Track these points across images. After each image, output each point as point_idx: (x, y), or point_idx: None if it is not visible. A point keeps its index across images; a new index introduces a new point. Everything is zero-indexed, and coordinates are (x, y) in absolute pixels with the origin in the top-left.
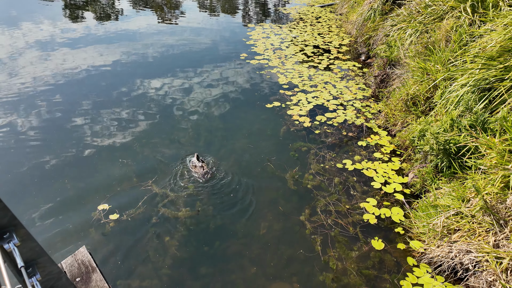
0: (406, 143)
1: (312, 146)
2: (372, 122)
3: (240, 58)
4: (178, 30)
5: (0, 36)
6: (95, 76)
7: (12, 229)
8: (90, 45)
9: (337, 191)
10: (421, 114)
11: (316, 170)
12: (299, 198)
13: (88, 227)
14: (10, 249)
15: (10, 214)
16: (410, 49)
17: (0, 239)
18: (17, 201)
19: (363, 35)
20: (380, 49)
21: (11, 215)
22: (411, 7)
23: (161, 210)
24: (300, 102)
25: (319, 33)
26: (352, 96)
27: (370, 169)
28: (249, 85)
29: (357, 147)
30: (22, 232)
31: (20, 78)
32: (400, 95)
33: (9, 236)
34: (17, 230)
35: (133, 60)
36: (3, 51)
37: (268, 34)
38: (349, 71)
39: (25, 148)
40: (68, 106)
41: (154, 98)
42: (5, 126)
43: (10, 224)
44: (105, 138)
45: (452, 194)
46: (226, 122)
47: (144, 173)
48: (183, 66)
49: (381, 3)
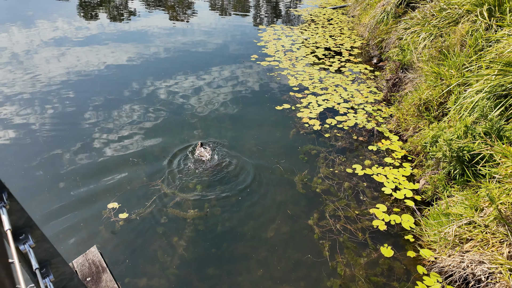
0: (417, 149)
1: (321, 150)
2: (384, 126)
3: (250, 59)
4: (189, 30)
5: (17, 34)
6: (108, 74)
7: (28, 230)
8: (103, 43)
9: (346, 196)
10: (434, 120)
11: (325, 174)
12: (307, 201)
13: (98, 225)
14: (25, 250)
15: (26, 215)
16: (424, 53)
17: (16, 240)
18: (30, 198)
19: (376, 37)
20: (393, 53)
21: (27, 216)
22: (425, 10)
23: (170, 210)
24: (310, 104)
25: (331, 35)
26: (363, 99)
27: (380, 174)
28: (259, 86)
29: (368, 152)
30: (37, 234)
31: (35, 75)
32: (412, 99)
33: (24, 238)
34: (32, 232)
35: (145, 59)
36: (19, 48)
37: (279, 36)
38: (361, 74)
39: (38, 144)
40: (80, 104)
41: (164, 98)
42: (20, 121)
43: (26, 226)
44: (116, 136)
45: (465, 202)
46: (236, 123)
47: (153, 172)
48: (194, 66)
49: (395, 6)
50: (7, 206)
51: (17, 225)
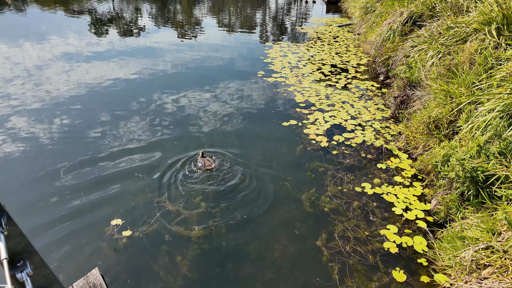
0: (428, 168)
1: (329, 167)
2: (392, 144)
3: (257, 76)
4: (196, 46)
5: (30, 49)
6: (116, 88)
7: (27, 256)
8: (112, 58)
9: (355, 216)
10: (444, 138)
11: (333, 193)
12: (315, 221)
13: (101, 242)
14: (22, 279)
15: (25, 240)
16: (432, 71)
17: (13, 267)
18: (33, 212)
19: (382, 55)
20: (400, 70)
21: (26, 241)
22: (432, 29)
23: (174, 228)
24: (317, 121)
25: (337, 52)
26: (371, 116)
27: (390, 193)
28: (265, 102)
29: (377, 170)
30: (36, 259)
31: (45, 89)
32: (421, 117)
33: (22, 265)
34: (31, 257)
35: (152, 74)
36: (31, 62)
37: (285, 53)
38: (368, 91)
39: (45, 157)
40: (87, 118)
41: (171, 113)
42: (27, 134)
43: (25, 251)
44: (122, 150)
45: (481, 225)
46: (242, 139)
47: (158, 187)
48: (201, 82)
49: (401, 24)
50: (5, 232)
51: (15, 250)
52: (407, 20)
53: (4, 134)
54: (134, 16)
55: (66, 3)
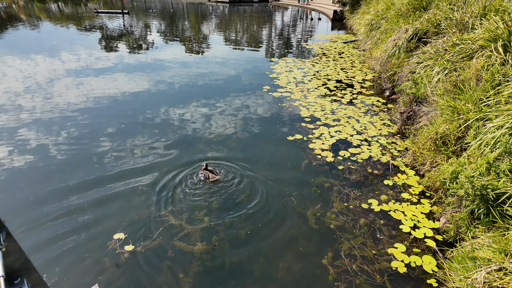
0: (436, 185)
1: (335, 183)
2: (399, 160)
3: (262, 90)
4: (203, 61)
5: (41, 63)
6: (123, 102)
7: (24, 273)
8: (120, 73)
9: (362, 234)
10: (452, 155)
11: (339, 209)
12: (321, 238)
13: (103, 257)
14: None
15: (24, 257)
16: (438, 87)
17: (10, 284)
18: (37, 225)
19: (387, 71)
20: (406, 86)
21: (24, 258)
22: (438, 45)
23: (177, 243)
24: (322, 135)
25: (342, 68)
26: (377, 131)
27: (398, 211)
28: (270, 116)
29: (383, 186)
30: (35, 277)
31: (54, 101)
32: (428, 133)
33: (20, 282)
34: (29, 275)
35: (159, 88)
36: (42, 76)
37: (290, 68)
38: (373, 106)
39: (51, 170)
40: (95, 130)
41: (177, 126)
42: (35, 146)
43: (23, 268)
44: (127, 164)
45: (493, 245)
46: (246, 153)
47: (162, 201)
48: (207, 96)
49: (406, 41)
50: (3, 248)
51: (13, 267)
52: (412, 36)
53: (12, 146)
54: (143, 32)
55: (78, 19)
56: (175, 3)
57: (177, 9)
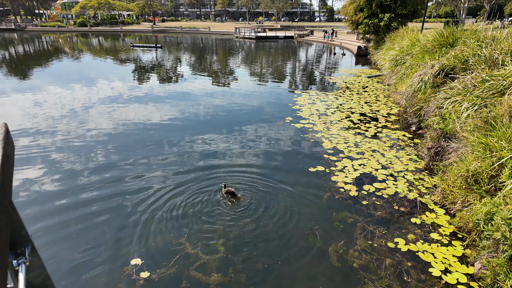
0: (469, 226)
1: (359, 218)
2: (427, 197)
3: (285, 121)
4: (229, 93)
5: (79, 91)
6: (150, 129)
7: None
8: (150, 102)
9: (388, 275)
10: (486, 194)
11: (363, 247)
12: (343, 278)
13: (118, 282)
14: None
15: (45, 273)
16: (468, 123)
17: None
18: (59, 246)
19: (413, 105)
20: (433, 121)
21: (45, 274)
22: (466, 81)
23: (192, 273)
24: (345, 168)
25: (366, 102)
26: (403, 167)
27: (426, 252)
28: (292, 147)
29: (411, 224)
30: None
31: (87, 126)
32: (458, 170)
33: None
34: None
35: (185, 117)
36: (78, 103)
37: (313, 100)
38: (399, 140)
39: (76, 189)
40: (121, 156)
41: (200, 155)
42: (66, 167)
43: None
44: (151, 189)
45: None
46: (266, 183)
47: (180, 227)
48: (230, 126)
49: (432, 76)
50: (27, 262)
51: (34, 283)
52: (438, 72)
53: (45, 168)
54: (174, 64)
55: (115, 52)
56: (205, 38)
57: (207, 44)
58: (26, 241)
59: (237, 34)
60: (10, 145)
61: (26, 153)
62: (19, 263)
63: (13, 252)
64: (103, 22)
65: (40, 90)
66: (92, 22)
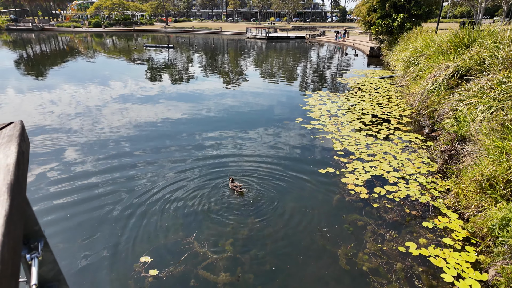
0: (483, 231)
1: (369, 221)
2: (440, 201)
3: (295, 122)
4: (239, 93)
5: (93, 90)
6: (161, 128)
7: (55, 285)
8: (162, 101)
9: (398, 280)
10: (501, 199)
11: (373, 250)
12: (352, 281)
13: (127, 279)
14: None
15: (57, 268)
16: (483, 126)
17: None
18: (69, 241)
19: (427, 107)
20: (447, 123)
21: (57, 269)
22: (482, 83)
23: (200, 272)
24: (356, 170)
25: (378, 103)
26: (415, 170)
27: (438, 257)
28: (302, 148)
29: (422, 229)
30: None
31: (100, 125)
32: (473, 174)
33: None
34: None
35: (196, 117)
36: (92, 102)
37: (324, 101)
38: (411, 143)
39: (88, 186)
40: (133, 153)
41: (210, 154)
42: (79, 165)
43: (55, 279)
44: (161, 187)
45: None
46: (276, 184)
47: (188, 226)
48: (240, 125)
49: (447, 78)
50: (40, 257)
51: (46, 277)
52: (453, 73)
53: (58, 164)
54: (185, 65)
55: (129, 52)
56: (216, 38)
57: (218, 45)
58: (39, 236)
59: (248, 35)
60: (25, 142)
61: (41, 150)
62: (32, 257)
63: (26, 247)
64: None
65: (55, 88)
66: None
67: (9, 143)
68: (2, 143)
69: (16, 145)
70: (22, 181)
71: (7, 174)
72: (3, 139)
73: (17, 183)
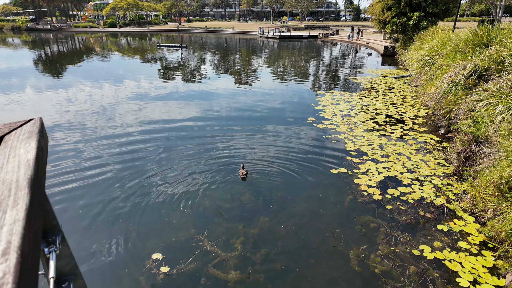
0: (501, 236)
1: (382, 223)
2: (455, 204)
3: (307, 121)
4: (250, 92)
5: (108, 89)
6: (174, 127)
7: (72, 278)
8: (174, 100)
9: (411, 283)
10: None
11: (385, 253)
12: (364, 283)
13: (139, 275)
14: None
15: (73, 262)
16: (502, 127)
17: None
18: (84, 235)
19: (443, 108)
20: (464, 124)
21: (74, 263)
22: (502, 83)
23: (211, 269)
24: (369, 171)
25: (392, 103)
26: (430, 171)
27: (454, 261)
28: (314, 148)
29: (437, 232)
30: (80, 284)
31: (114, 123)
32: (491, 177)
33: (67, 286)
34: (75, 280)
35: (207, 115)
36: (107, 101)
37: (337, 101)
38: (426, 144)
39: (102, 182)
40: (145, 151)
41: (221, 153)
42: (94, 161)
43: (71, 273)
44: (173, 185)
45: None
46: (287, 183)
47: (200, 224)
48: (252, 124)
49: (464, 77)
50: (57, 251)
51: (63, 271)
52: (471, 73)
53: (74, 160)
54: (198, 64)
55: (143, 52)
56: (229, 38)
57: (230, 44)
58: (57, 231)
59: (261, 34)
60: (44, 138)
61: (58, 146)
62: (50, 251)
63: (44, 241)
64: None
65: (72, 87)
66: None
67: (29, 139)
68: (22, 139)
69: (35, 141)
70: (41, 176)
71: (27, 169)
72: (23, 135)
73: (37, 178)
